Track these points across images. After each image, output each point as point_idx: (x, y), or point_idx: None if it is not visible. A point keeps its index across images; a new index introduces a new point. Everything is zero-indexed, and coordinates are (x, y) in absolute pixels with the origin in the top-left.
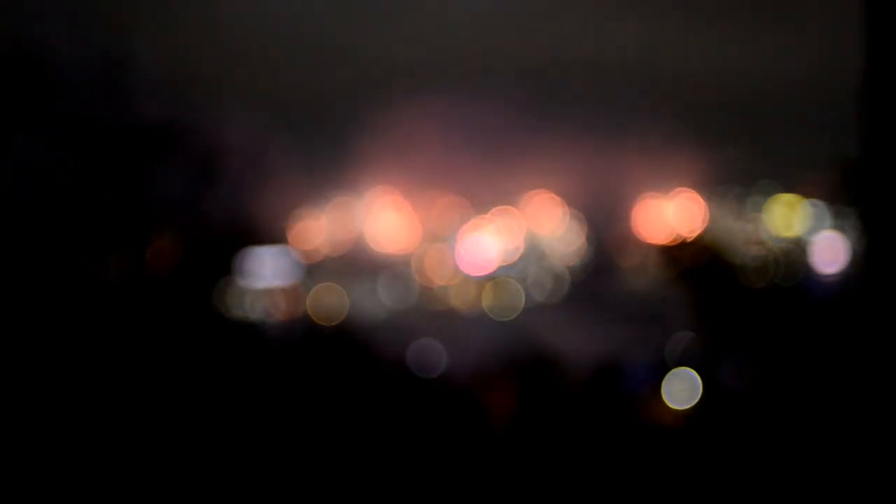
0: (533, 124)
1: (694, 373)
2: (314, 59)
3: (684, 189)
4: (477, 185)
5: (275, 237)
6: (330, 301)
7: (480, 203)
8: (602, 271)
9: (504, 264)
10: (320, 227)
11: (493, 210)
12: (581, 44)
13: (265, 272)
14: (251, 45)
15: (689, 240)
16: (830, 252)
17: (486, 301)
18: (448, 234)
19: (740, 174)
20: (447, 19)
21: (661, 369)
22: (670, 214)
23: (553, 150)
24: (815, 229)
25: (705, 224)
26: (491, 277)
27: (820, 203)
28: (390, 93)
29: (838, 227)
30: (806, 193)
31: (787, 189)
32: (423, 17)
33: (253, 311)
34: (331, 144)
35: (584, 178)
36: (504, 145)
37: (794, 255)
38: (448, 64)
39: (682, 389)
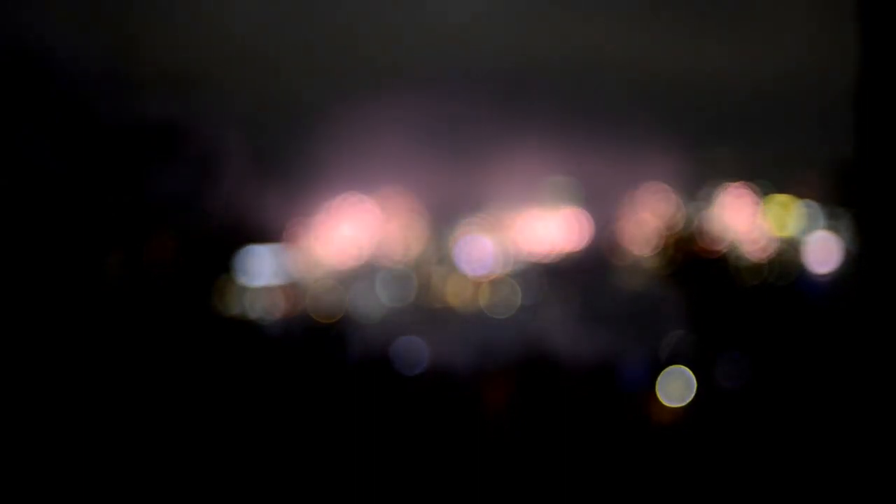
0: (520, 126)
1: (689, 370)
2: (315, 60)
3: (679, 189)
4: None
5: (274, 235)
6: (329, 299)
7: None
8: (597, 269)
9: (502, 264)
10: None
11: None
12: (572, 43)
13: (264, 270)
14: (251, 46)
15: (683, 238)
16: (824, 252)
17: (484, 300)
18: (449, 235)
19: (735, 174)
20: (444, 21)
21: (657, 367)
22: (666, 214)
23: (540, 150)
24: (808, 229)
25: (701, 223)
26: (489, 277)
27: (814, 203)
28: (388, 95)
29: (832, 228)
30: (800, 194)
31: (782, 189)
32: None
33: (252, 309)
34: (328, 146)
35: (578, 178)
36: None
37: (787, 255)
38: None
39: (676, 387)
